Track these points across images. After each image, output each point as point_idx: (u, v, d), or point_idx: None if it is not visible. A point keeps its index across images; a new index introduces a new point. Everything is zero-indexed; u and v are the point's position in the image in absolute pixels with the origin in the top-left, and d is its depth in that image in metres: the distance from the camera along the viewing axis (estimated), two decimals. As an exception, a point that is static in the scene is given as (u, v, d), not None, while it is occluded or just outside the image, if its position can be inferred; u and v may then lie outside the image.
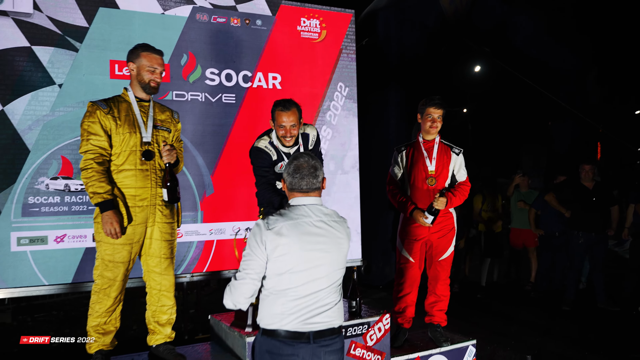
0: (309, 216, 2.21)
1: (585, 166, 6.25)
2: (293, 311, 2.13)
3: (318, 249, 2.18)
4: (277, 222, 2.14)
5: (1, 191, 4.35)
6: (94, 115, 2.73)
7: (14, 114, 4.40)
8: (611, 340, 5.01)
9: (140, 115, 2.83)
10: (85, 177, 2.69)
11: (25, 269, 4.41)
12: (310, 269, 2.15)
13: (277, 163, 3.39)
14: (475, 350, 3.73)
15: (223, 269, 5.09)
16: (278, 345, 2.12)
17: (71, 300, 6.89)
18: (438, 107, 3.70)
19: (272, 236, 2.12)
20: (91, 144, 2.71)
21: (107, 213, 2.65)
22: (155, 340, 2.94)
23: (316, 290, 2.17)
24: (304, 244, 2.15)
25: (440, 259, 3.77)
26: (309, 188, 2.24)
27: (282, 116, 3.17)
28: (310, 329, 2.14)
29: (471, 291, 7.18)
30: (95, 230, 2.79)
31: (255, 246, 2.13)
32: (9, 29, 4.41)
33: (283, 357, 2.11)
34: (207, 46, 5.07)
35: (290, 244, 2.13)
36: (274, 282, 2.16)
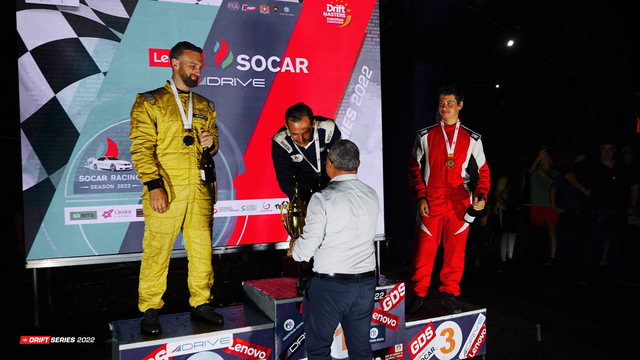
0: (353, 189, 2.86)
1: (605, 145, 6.35)
2: (345, 259, 2.79)
3: (361, 213, 2.82)
4: (331, 194, 2.78)
5: (55, 170, 4.80)
6: (142, 106, 3.09)
7: (64, 100, 4.83)
8: (623, 313, 5.17)
9: (182, 105, 3.17)
10: (135, 160, 3.07)
11: (77, 240, 4.89)
12: (357, 228, 2.80)
13: (293, 154, 3.70)
14: (485, 318, 4.02)
15: (254, 243, 5.48)
16: (337, 286, 2.77)
17: (115, 271, 7.44)
18: (447, 93, 3.95)
19: (329, 204, 2.75)
20: (140, 131, 3.08)
21: (154, 191, 3.04)
22: (196, 301, 3.35)
23: (360, 243, 2.83)
24: (352, 209, 2.78)
25: (456, 233, 4.05)
26: (353, 167, 2.92)
27: (294, 125, 3.47)
28: (358, 271, 2.81)
29: (492, 266, 7.42)
30: (144, 205, 3.19)
31: (317, 213, 2.76)
32: (58, 22, 4.80)
33: (340, 294, 2.77)
34: (238, 33, 5.36)
35: (343, 209, 2.76)
36: (331, 239, 2.79)
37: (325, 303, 2.79)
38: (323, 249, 2.83)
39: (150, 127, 3.06)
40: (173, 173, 3.12)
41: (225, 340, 3.06)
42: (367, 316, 2.90)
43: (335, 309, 2.79)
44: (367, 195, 2.90)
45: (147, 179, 3.02)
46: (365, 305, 2.86)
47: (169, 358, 2.91)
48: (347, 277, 2.79)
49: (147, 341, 2.89)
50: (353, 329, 2.89)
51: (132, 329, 3.08)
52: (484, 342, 4.02)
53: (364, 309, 2.86)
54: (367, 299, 2.85)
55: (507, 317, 5.08)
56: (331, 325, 2.84)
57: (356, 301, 2.82)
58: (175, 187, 3.12)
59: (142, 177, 3.03)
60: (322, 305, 2.80)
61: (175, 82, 3.21)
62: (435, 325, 3.81)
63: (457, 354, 3.90)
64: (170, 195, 3.10)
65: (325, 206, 2.75)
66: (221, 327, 3.13)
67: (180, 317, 3.37)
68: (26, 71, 4.71)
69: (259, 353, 3.16)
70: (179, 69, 3.17)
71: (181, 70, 3.16)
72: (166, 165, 3.12)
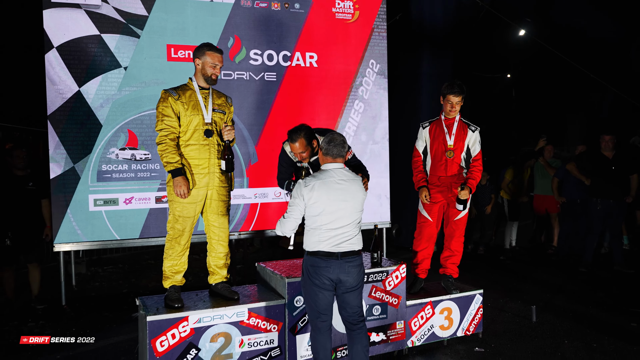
0: (334, 177, 3.12)
1: (605, 136, 6.54)
2: (326, 239, 3.08)
3: (340, 199, 3.08)
4: (311, 182, 3.08)
5: (80, 160, 5.12)
6: (167, 101, 3.37)
7: (88, 94, 5.13)
8: (617, 297, 5.39)
9: (202, 100, 3.45)
10: (161, 150, 3.36)
11: (100, 226, 5.21)
12: (335, 212, 3.07)
13: (299, 163, 3.93)
14: (482, 298, 4.28)
15: (266, 229, 5.77)
16: (317, 261, 3.09)
17: (134, 256, 7.80)
18: (457, 95, 4.18)
19: (308, 191, 3.06)
20: (165, 124, 3.36)
21: (177, 178, 3.32)
22: (214, 279, 3.65)
23: (341, 226, 3.10)
24: (329, 196, 3.06)
25: (456, 219, 4.30)
26: (337, 155, 3.17)
27: (292, 145, 3.76)
28: (339, 250, 3.09)
29: (496, 254, 7.67)
30: (168, 192, 3.48)
31: (297, 197, 3.10)
32: (81, 20, 5.08)
33: (321, 268, 3.07)
34: (251, 29, 5.62)
35: (320, 196, 3.05)
36: (311, 221, 3.12)
37: (310, 276, 3.11)
38: (307, 230, 3.16)
39: (174, 120, 3.35)
40: (194, 162, 3.41)
41: (241, 314, 3.36)
42: (354, 290, 3.15)
43: (319, 282, 3.08)
44: (348, 182, 3.13)
45: (171, 167, 3.31)
46: (349, 281, 3.11)
47: (190, 329, 3.22)
48: (328, 255, 3.08)
49: (171, 313, 3.19)
50: (342, 301, 3.17)
51: (157, 304, 3.38)
52: (481, 321, 4.29)
53: (350, 284, 3.12)
54: (350, 275, 3.10)
55: (506, 299, 5.34)
56: (322, 298, 3.10)
57: (339, 277, 3.09)
58: (196, 175, 3.41)
59: (167, 166, 3.32)
60: (309, 279, 3.12)
61: (197, 79, 3.49)
62: (435, 304, 4.08)
63: (455, 331, 4.18)
64: (192, 182, 3.39)
65: (303, 192, 3.07)
66: (237, 303, 3.43)
67: (200, 293, 3.68)
68: (52, 66, 5.01)
69: (272, 326, 3.46)
70: (201, 68, 3.45)
71: (203, 70, 3.44)
72: (188, 156, 3.41)
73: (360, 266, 3.17)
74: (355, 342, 3.16)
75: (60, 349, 4.04)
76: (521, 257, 7.49)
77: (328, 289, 3.11)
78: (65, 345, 4.17)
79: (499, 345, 4.14)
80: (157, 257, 7.76)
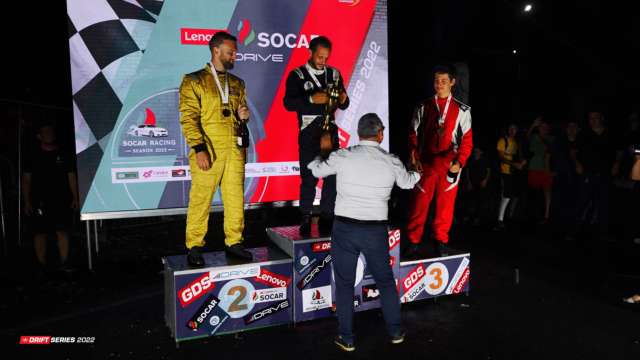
0: (364, 152, 3.53)
1: (591, 113, 6.92)
2: (351, 207, 3.51)
3: (367, 173, 3.48)
4: (344, 153, 3.54)
5: (103, 136, 5.55)
6: (189, 85, 3.80)
7: (109, 75, 5.54)
8: (597, 263, 5.83)
9: (220, 83, 3.88)
10: (185, 128, 3.79)
11: (122, 197, 5.68)
12: (361, 185, 3.48)
13: (305, 82, 4.45)
14: (468, 261, 4.73)
15: (274, 200, 6.24)
16: (343, 226, 3.53)
17: (149, 227, 8.32)
18: (441, 72, 4.59)
19: (340, 159, 3.53)
20: (188, 105, 3.79)
21: (200, 153, 3.76)
22: (230, 241, 4.12)
23: (366, 197, 3.50)
24: (358, 168, 3.48)
25: (446, 190, 4.74)
26: (367, 134, 3.61)
27: (323, 49, 4.35)
28: (361, 218, 3.50)
29: (490, 225, 8.12)
30: (191, 165, 3.92)
31: (332, 161, 3.55)
32: (102, 6, 5.46)
33: (345, 233, 3.52)
34: (259, 13, 5.98)
35: (349, 166, 3.49)
36: (341, 189, 3.57)
37: (337, 239, 3.56)
38: (338, 196, 3.60)
39: (195, 101, 3.78)
40: (214, 139, 3.86)
41: (254, 271, 3.84)
42: (378, 254, 3.57)
43: (343, 245, 3.52)
44: (378, 160, 3.51)
45: (194, 143, 3.75)
46: (372, 245, 3.52)
47: (211, 283, 3.70)
48: (352, 221, 3.50)
49: (195, 269, 3.68)
50: (371, 262, 3.63)
51: (181, 262, 3.87)
52: (467, 281, 4.77)
53: (373, 248, 3.54)
54: (372, 241, 3.51)
55: (494, 265, 5.82)
56: (346, 259, 3.54)
57: (361, 242, 3.51)
58: (216, 150, 3.87)
59: (191, 142, 3.76)
60: (335, 241, 3.57)
61: (215, 65, 3.92)
62: (426, 265, 4.56)
63: (443, 289, 4.67)
64: (213, 156, 3.85)
65: (337, 160, 3.52)
66: (251, 261, 3.91)
67: (218, 254, 4.16)
68: (76, 50, 5.41)
69: (281, 282, 3.95)
70: (219, 55, 3.88)
71: (221, 56, 3.87)
72: (209, 133, 3.85)
73: (382, 234, 3.57)
74: (387, 296, 3.64)
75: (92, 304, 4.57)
76: (514, 229, 7.94)
77: (351, 252, 3.55)
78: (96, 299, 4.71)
79: (483, 302, 4.62)
80: (170, 228, 8.28)
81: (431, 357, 3.51)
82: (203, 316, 3.68)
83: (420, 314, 4.31)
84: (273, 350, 3.63)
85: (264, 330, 3.95)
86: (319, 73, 4.49)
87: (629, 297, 4.56)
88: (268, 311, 3.92)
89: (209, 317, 3.71)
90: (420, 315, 4.29)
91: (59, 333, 3.90)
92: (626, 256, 6.09)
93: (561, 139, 7.63)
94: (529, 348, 3.64)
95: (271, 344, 3.74)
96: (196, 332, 3.68)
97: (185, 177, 5.80)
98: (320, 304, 4.13)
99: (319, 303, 4.12)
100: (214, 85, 3.85)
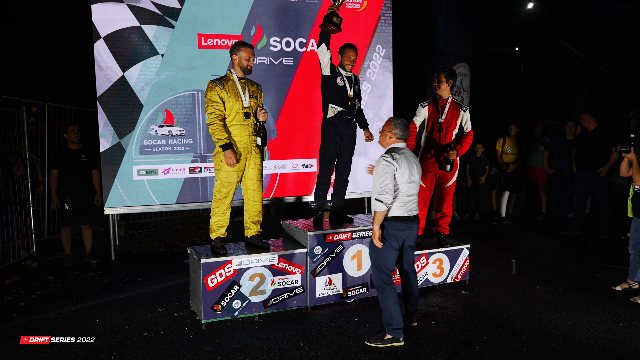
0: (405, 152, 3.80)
1: (568, 122, 7.44)
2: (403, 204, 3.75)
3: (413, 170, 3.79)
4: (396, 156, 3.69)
5: (125, 135, 5.92)
6: (214, 90, 4.16)
7: (131, 78, 5.90)
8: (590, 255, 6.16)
9: (241, 89, 4.24)
10: (212, 130, 4.12)
11: (143, 192, 6.05)
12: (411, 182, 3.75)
13: (339, 76, 4.84)
14: (468, 252, 5.08)
15: (284, 195, 6.60)
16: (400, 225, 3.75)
17: (164, 221, 8.69)
18: (439, 73, 4.99)
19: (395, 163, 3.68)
20: (214, 108, 4.13)
21: (227, 151, 4.09)
22: (250, 232, 4.48)
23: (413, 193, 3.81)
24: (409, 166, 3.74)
25: (446, 186, 5.11)
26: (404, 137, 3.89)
27: (353, 52, 4.82)
28: (414, 214, 3.83)
29: (490, 220, 8.47)
30: (215, 163, 4.29)
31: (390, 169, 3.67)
32: (124, 14, 5.82)
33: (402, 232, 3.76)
34: (271, 19, 6.33)
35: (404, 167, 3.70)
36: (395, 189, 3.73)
37: (391, 241, 3.76)
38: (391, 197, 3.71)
39: (220, 105, 4.14)
40: (237, 139, 4.22)
41: (272, 259, 4.21)
42: (413, 247, 3.94)
43: (396, 245, 3.77)
44: (415, 159, 3.88)
45: (222, 142, 4.09)
46: (414, 239, 3.89)
47: (234, 270, 4.07)
48: (407, 219, 3.77)
49: (219, 257, 4.05)
50: (406, 255, 3.92)
51: (205, 251, 4.24)
52: (467, 271, 5.13)
53: (414, 241, 3.91)
54: (415, 235, 3.89)
55: (493, 257, 6.18)
56: (394, 257, 3.78)
57: (411, 237, 3.84)
58: (238, 149, 4.23)
59: (218, 142, 4.10)
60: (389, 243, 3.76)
61: (235, 71, 4.28)
62: (429, 255, 4.92)
63: (445, 278, 5.03)
64: (238, 154, 4.20)
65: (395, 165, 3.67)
66: (269, 251, 4.28)
67: (238, 244, 4.53)
68: (100, 54, 5.77)
69: (296, 269, 4.32)
70: (238, 62, 4.23)
71: (240, 63, 4.23)
72: (232, 134, 4.21)
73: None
74: (413, 284, 4.00)
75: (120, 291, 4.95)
76: (513, 224, 8.29)
77: (398, 249, 3.79)
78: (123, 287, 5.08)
79: (481, 289, 4.99)
80: (184, 223, 8.66)
81: (434, 337, 3.88)
82: (226, 300, 4.06)
83: (424, 300, 4.67)
84: (290, 330, 4.00)
85: (280, 313, 4.33)
86: (347, 75, 4.90)
87: (617, 285, 4.92)
88: (285, 296, 4.30)
89: (231, 301, 4.08)
90: (423, 301, 4.65)
91: (94, 316, 4.29)
92: (618, 249, 6.43)
93: (560, 137, 7.95)
94: (522, 329, 4.00)
95: (288, 325, 4.11)
96: (220, 314, 4.06)
97: (201, 174, 6.16)
98: (332, 290, 4.49)
99: (331, 289, 4.49)
100: (235, 90, 4.21)
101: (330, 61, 4.81)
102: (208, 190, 6.18)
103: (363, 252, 4.58)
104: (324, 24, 4.78)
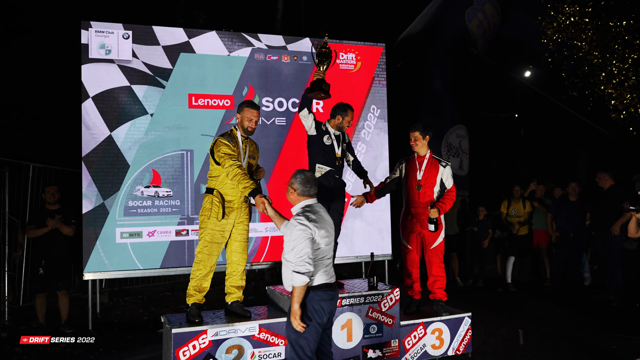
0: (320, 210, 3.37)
1: (571, 183, 7.35)
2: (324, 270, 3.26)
3: (329, 229, 3.33)
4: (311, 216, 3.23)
5: (109, 196, 5.70)
6: (227, 144, 3.96)
7: (118, 138, 5.76)
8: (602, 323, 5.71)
9: (242, 148, 4.13)
10: (237, 180, 3.77)
11: (126, 256, 5.74)
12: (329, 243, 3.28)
13: (325, 135, 4.65)
14: (470, 321, 4.67)
15: (276, 260, 6.26)
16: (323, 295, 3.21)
17: (152, 287, 8.28)
18: (413, 130, 4.81)
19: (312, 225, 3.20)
20: (232, 160, 3.85)
21: (258, 196, 3.71)
22: (231, 298, 4.12)
23: (331, 256, 3.37)
24: (325, 226, 3.29)
25: (432, 247, 4.76)
26: (314, 193, 3.41)
27: (350, 113, 4.69)
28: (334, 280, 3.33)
29: (494, 285, 8.03)
30: (201, 220, 4.02)
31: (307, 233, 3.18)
32: (114, 73, 5.78)
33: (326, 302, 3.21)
34: (263, 79, 6.28)
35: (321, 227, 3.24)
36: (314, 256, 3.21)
37: (315, 317, 3.16)
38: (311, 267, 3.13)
39: (236, 157, 3.96)
40: (228, 198, 4.01)
41: (252, 329, 3.83)
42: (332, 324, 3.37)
43: (321, 321, 3.18)
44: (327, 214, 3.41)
45: (249, 189, 3.76)
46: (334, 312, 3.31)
47: (209, 341, 3.69)
48: (330, 286, 3.23)
49: (192, 327, 3.68)
50: (326, 336, 3.35)
51: (179, 320, 3.87)
52: (470, 342, 4.69)
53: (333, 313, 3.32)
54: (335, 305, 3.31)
55: (498, 326, 5.73)
56: (318, 336, 3.18)
57: (333, 309, 3.27)
58: (227, 210, 4.00)
59: (244, 190, 3.80)
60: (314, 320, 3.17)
61: (239, 129, 4.19)
62: (426, 325, 4.51)
63: (445, 350, 4.59)
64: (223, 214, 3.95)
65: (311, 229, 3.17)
66: (249, 319, 3.91)
67: (217, 312, 4.17)
68: (88, 114, 5.67)
69: (279, 341, 3.92)
70: (241, 121, 4.14)
71: (242, 122, 4.14)
72: (224, 192, 4.00)
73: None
74: None
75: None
76: (518, 289, 7.85)
77: (322, 327, 3.20)
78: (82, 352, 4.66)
79: (486, 364, 4.54)
80: (173, 289, 8.25)
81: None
82: (200, 376, 3.65)
83: (422, 376, 4.23)
84: (270, 412, 3.56)
85: (262, 391, 3.89)
86: (336, 133, 4.73)
87: (637, 358, 4.46)
88: (266, 371, 3.88)
89: (206, 376, 3.67)
90: (422, 377, 4.21)
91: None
92: (632, 317, 5.98)
93: (562, 199, 7.69)
94: (533, 411, 3.55)
95: (269, 405, 3.67)
96: (193, 392, 3.63)
97: (188, 237, 5.88)
98: (320, 364, 4.06)
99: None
100: (239, 148, 4.09)
101: (314, 122, 4.62)
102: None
103: (354, 321, 4.19)
104: (312, 92, 4.63)
